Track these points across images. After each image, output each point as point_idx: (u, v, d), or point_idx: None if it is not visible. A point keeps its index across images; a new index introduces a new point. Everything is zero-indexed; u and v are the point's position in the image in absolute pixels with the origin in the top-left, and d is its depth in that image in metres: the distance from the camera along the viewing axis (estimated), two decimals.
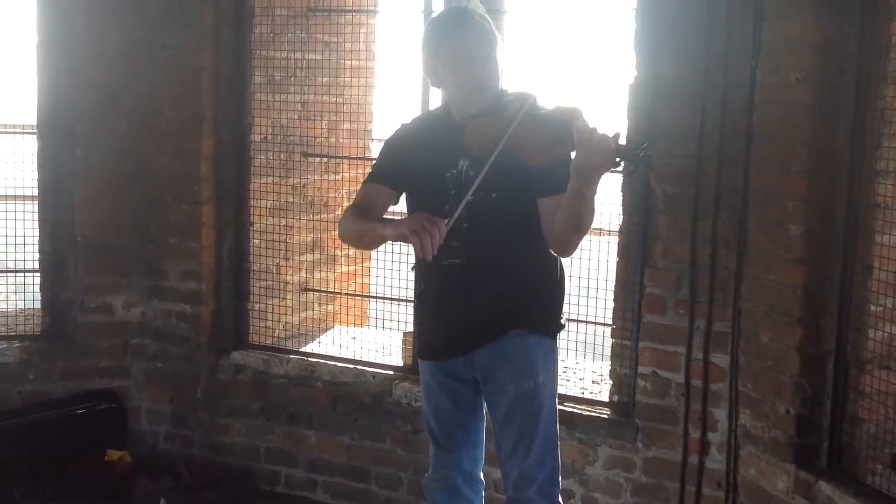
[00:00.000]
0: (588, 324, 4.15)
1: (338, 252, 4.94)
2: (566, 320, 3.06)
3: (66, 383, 4.55)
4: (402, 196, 3.02)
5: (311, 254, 4.84)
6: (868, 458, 3.24)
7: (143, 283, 4.60)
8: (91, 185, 4.50)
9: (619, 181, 3.80)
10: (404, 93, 4.25)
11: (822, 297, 3.32)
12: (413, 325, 4.11)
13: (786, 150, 3.35)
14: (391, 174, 2.96)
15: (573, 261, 3.88)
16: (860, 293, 3.23)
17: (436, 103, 3.64)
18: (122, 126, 4.49)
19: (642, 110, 3.69)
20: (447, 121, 2.91)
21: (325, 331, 4.86)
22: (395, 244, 3.92)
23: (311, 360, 4.47)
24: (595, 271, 4.02)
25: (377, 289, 4.69)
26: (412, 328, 4.17)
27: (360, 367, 4.37)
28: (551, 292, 3.00)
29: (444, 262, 2.87)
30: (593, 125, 2.55)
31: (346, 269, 5.01)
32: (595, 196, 2.65)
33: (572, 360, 4.39)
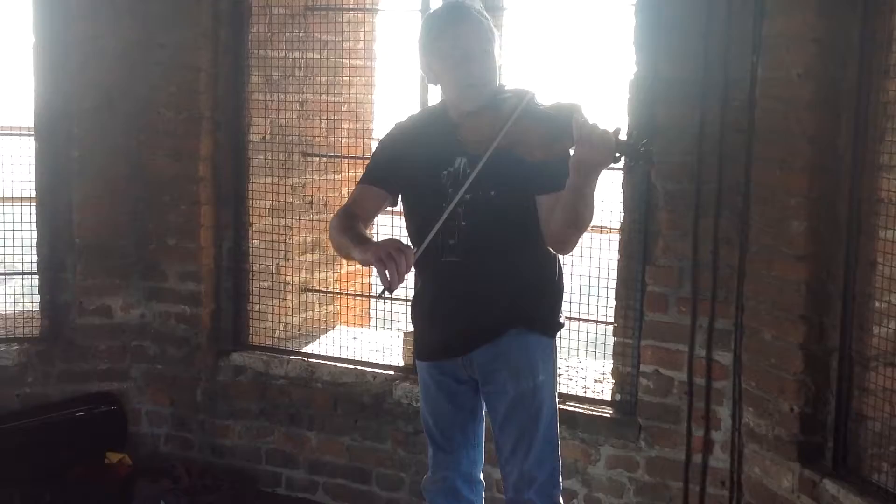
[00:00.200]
0: (590, 322, 4.12)
1: None
2: (565, 319, 3.03)
3: (65, 386, 4.53)
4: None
5: (312, 254, 4.82)
6: (874, 456, 3.22)
7: (141, 285, 4.58)
8: (89, 186, 4.48)
9: (619, 178, 3.78)
10: (405, 91, 4.22)
11: (825, 294, 3.30)
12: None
13: (787, 146, 3.32)
14: (385, 175, 2.93)
15: (574, 258, 3.87)
16: (864, 290, 3.20)
17: (434, 102, 3.60)
18: (119, 127, 4.47)
19: (642, 107, 3.67)
20: (443, 118, 2.88)
21: (326, 331, 4.84)
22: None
23: (311, 360, 4.45)
24: (596, 269, 3.99)
25: (379, 289, 4.63)
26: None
27: (360, 367, 4.35)
28: (550, 291, 2.96)
29: (441, 261, 2.84)
30: (593, 120, 2.52)
31: (348, 268, 4.98)
32: (594, 193, 2.62)
33: (574, 359, 4.36)
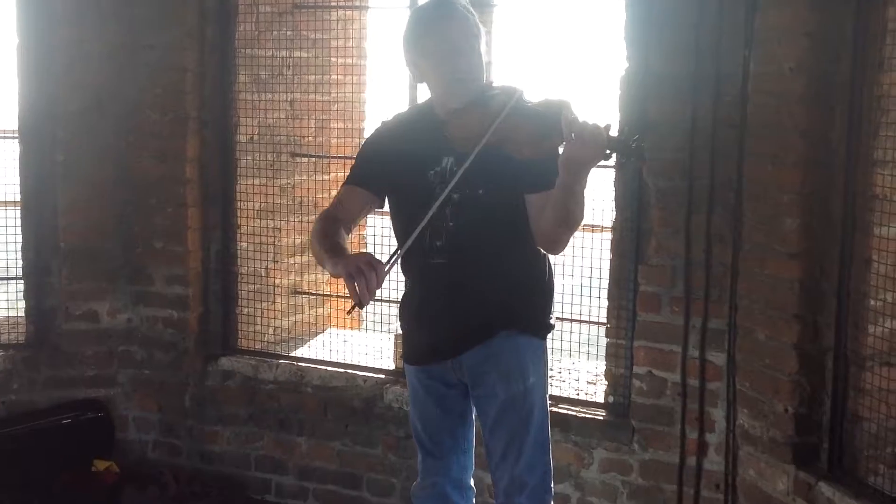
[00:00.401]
0: (582, 323, 4.07)
1: None
2: (556, 320, 2.97)
3: (51, 393, 4.47)
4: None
5: (301, 256, 4.76)
6: (870, 457, 3.18)
7: (128, 289, 4.51)
8: (74, 189, 4.42)
9: (610, 176, 3.73)
10: (396, 90, 4.17)
11: (819, 293, 3.25)
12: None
13: (780, 142, 3.28)
14: (370, 176, 2.86)
15: (566, 258, 3.82)
16: (859, 288, 3.16)
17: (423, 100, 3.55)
18: (104, 129, 4.41)
19: (634, 103, 3.63)
20: (430, 116, 2.82)
21: (316, 334, 4.78)
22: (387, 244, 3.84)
23: (300, 364, 4.40)
24: (588, 269, 3.94)
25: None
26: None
27: (350, 371, 4.30)
28: (541, 291, 2.91)
29: (429, 262, 2.79)
30: (583, 117, 2.47)
31: None
32: (585, 190, 2.58)
33: (567, 361, 4.31)
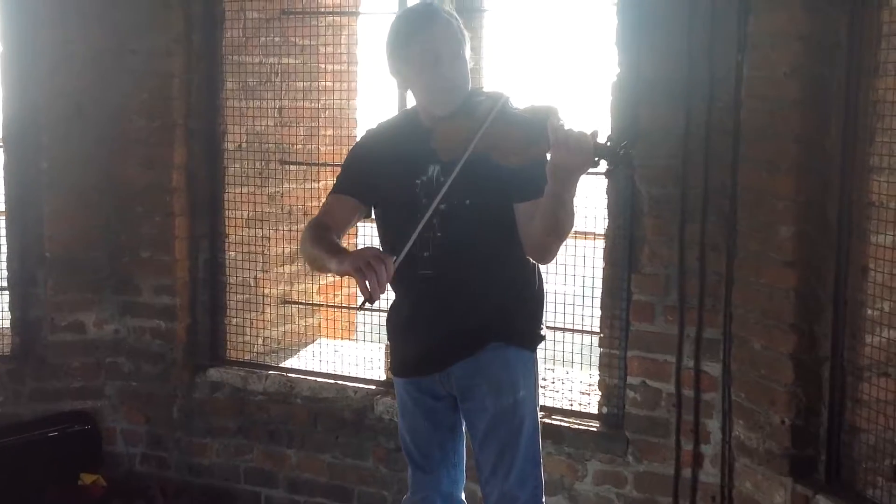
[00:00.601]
0: (575, 332, 4.01)
1: None
2: (546, 330, 2.92)
3: (37, 405, 4.40)
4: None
5: (291, 265, 4.70)
6: (868, 470, 3.13)
7: (115, 300, 4.45)
8: (59, 198, 4.36)
9: (603, 182, 3.67)
10: (388, 97, 4.11)
11: (815, 302, 3.20)
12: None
13: (774, 148, 3.23)
14: (357, 185, 2.81)
15: (559, 266, 3.77)
16: (855, 296, 3.10)
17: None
18: (90, 136, 4.35)
19: (626, 108, 3.58)
20: (415, 125, 2.76)
21: (306, 345, 4.72)
22: None
23: (290, 375, 4.34)
24: (581, 278, 3.88)
25: (360, 300, 4.49)
26: None
27: (340, 381, 4.24)
28: (531, 302, 2.86)
29: (416, 273, 2.73)
30: (570, 123, 2.41)
31: (331, 279, 4.87)
32: (574, 199, 2.52)
33: (561, 371, 4.25)
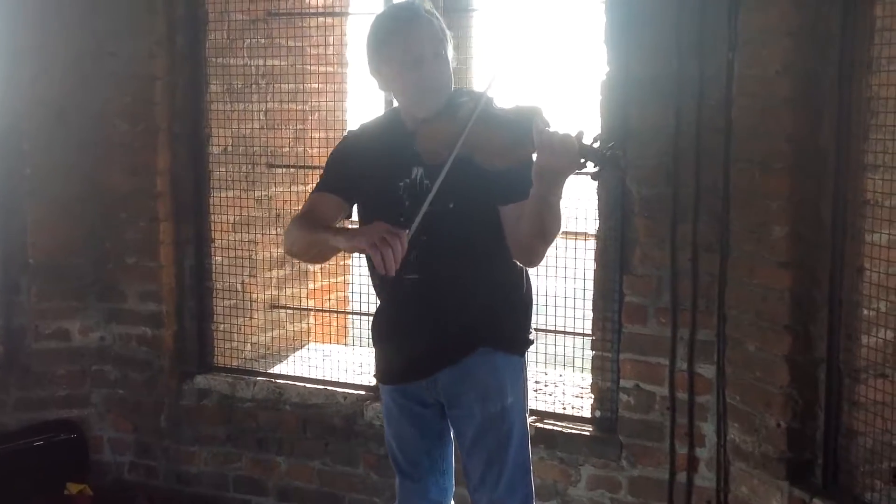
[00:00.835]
0: (567, 335, 3.94)
1: (310, 267, 4.71)
2: (534, 334, 2.86)
3: (22, 414, 4.34)
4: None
5: (280, 269, 4.64)
6: (866, 473, 3.08)
7: (100, 307, 4.39)
8: (42, 205, 4.30)
9: (592, 183, 3.60)
10: (378, 98, 4.04)
11: (810, 302, 3.14)
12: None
13: (767, 146, 3.17)
14: (340, 183, 2.76)
15: (548, 267, 3.70)
16: (851, 297, 3.05)
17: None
18: (72, 142, 4.28)
19: (615, 107, 3.52)
20: (398, 126, 2.71)
21: (296, 350, 4.65)
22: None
23: (278, 381, 4.27)
24: (573, 279, 3.82)
25: (359, 304, 4.41)
26: None
27: (330, 387, 4.17)
28: (518, 306, 2.80)
29: (401, 278, 2.66)
30: (554, 124, 2.35)
31: (321, 283, 4.80)
32: (560, 201, 2.47)
33: (553, 374, 4.19)
